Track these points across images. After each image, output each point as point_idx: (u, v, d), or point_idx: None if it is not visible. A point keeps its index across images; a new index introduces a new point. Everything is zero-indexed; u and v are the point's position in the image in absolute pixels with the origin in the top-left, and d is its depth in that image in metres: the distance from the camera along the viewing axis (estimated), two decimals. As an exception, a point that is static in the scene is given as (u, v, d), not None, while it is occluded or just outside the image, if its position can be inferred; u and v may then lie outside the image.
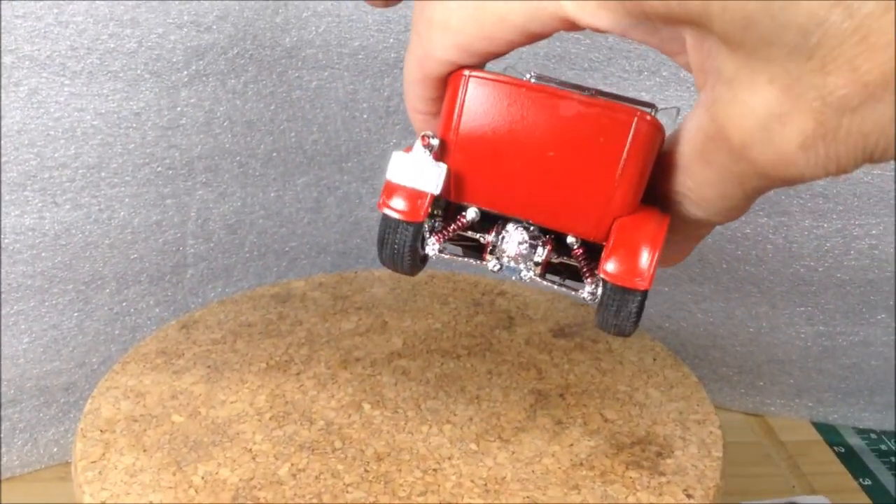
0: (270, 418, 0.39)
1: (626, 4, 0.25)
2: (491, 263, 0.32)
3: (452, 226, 0.31)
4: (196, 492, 0.34)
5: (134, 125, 0.56)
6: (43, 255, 0.57)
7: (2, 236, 0.55)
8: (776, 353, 0.68)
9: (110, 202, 0.57)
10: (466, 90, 0.29)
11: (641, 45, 0.59)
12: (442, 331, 0.48)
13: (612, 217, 0.29)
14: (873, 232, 0.63)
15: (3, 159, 0.54)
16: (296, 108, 0.61)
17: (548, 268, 0.32)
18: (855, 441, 0.69)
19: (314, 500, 0.35)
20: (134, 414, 0.39)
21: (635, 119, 0.28)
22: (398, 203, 0.30)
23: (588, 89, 0.30)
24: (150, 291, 0.61)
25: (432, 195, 0.30)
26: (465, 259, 0.33)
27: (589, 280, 0.31)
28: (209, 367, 0.43)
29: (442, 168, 0.29)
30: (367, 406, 0.41)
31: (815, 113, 0.23)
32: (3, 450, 0.60)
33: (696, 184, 0.27)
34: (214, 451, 0.37)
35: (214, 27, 0.56)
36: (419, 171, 0.29)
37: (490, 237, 0.31)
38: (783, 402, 0.70)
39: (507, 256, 0.31)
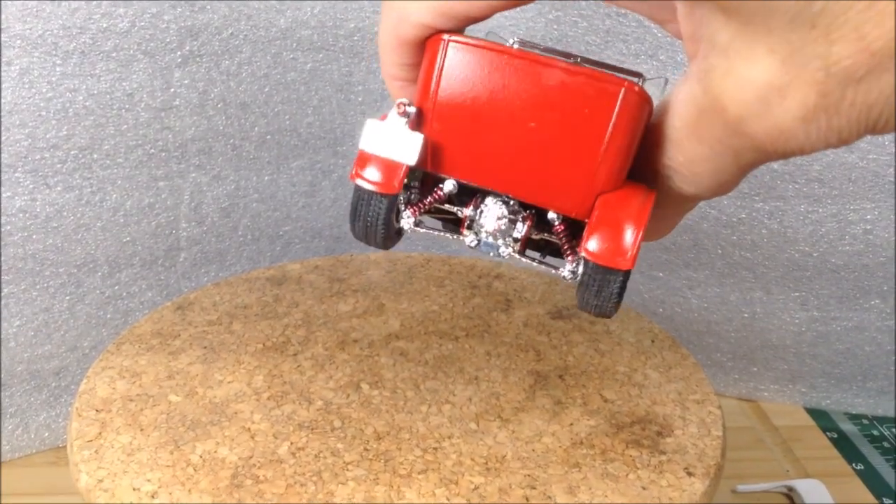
0: (268, 398, 0.39)
1: None
2: (468, 238, 0.30)
3: (429, 198, 0.30)
4: (195, 470, 0.34)
5: (126, 106, 0.56)
6: (34, 237, 0.56)
7: (-8, 218, 0.54)
8: (770, 339, 0.69)
9: (102, 184, 0.57)
10: (445, 56, 0.27)
11: (639, 28, 0.58)
12: (439, 313, 0.48)
13: (596, 193, 0.28)
14: (868, 217, 0.63)
15: (-6, 140, 0.53)
16: (290, 90, 0.60)
17: (527, 244, 0.31)
18: (847, 427, 0.70)
19: (314, 479, 0.34)
20: (130, 394, 0.38)
21: (622, 90, 0.27)
22: (372, 174, 0.28)
23: (574, 56, 0.29)
24: (143, 275, 0.61)
25: (408, 166, 0.28)
26: (442, 233, 0.31)
27: (570, 258, 0.30)
28: (205, 347, 0.42)
29: (418, 138, 0.28)
30: (365, 386, 0.40)
31: (817, 84, 0.22)
32: (-6, 435, 0.60)
33: (686, 159, 0.26)
34: (212, 430, 0.36)
35: (208, 7, 0.56)
36: (394, 141, 0.28)
37: (468, 211, 0.30)
38: (777, 387, 0.71)
39: (486, 232, 0.30)
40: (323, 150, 0.63)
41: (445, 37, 0.28)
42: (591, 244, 0.28)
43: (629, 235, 0.28)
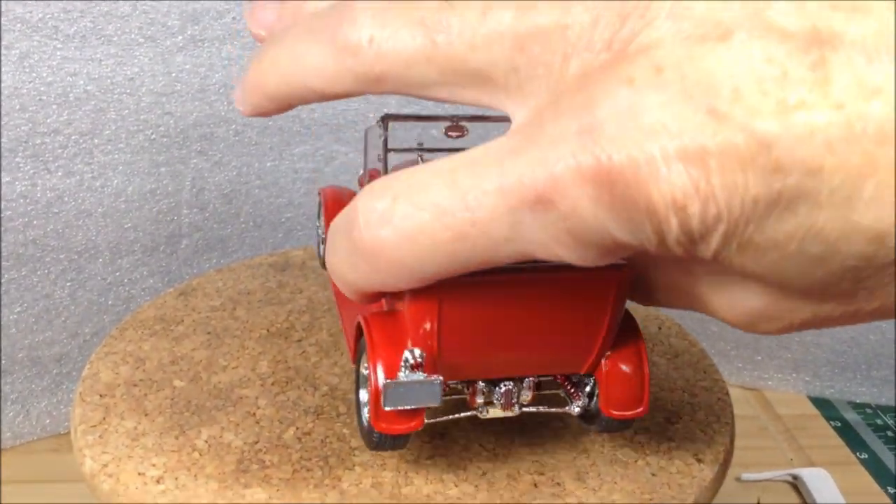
0: (273, 383, 0.39)
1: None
2: (481, 414, 0.32)
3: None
4: (200, 455, 0.34)
5: (128, 91, 0.55)
6: (35, 223, 0.56)
7: (-7, 203, 0.54)
8: (774, 327, 0.68)
9: (104, 170, 0.56)
10: (441, 311, 0.28)
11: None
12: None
13: (599, 355, 0.31)
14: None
15: (-6, 124, 0.53)
16: (293, 75, 0.60)
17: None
18: (851, 416, 0.69)
19: (321, 464, 0.34)
20: (134, 379, 0.38)
21: (617, 279, 0.29)
22: (399, 423, 0.30)
23: (447, 118, 0.31)
24: (144, 262, 0.60)
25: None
26: (453, 416, 0.32)
27: (576, 399, 0.33)
28: (209, 333, 0.42)
29: (438, 382, 0.29)
30: (370, 372, 0.40)
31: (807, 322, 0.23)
32: (-5, 422, 0.59)
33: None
34: (218, 415, 0.36)
35: (211, -9, 0.55)
36: (416, 393, 0.29)
37: (479, 399, 0.32)
38: (780, 376, 0.70)
39: (498, 406, 0.32)
40: (325, 137, 0.62)
41: (435, 296, 0.28)
42: (612, 406, 0.31)
43: (640, 387, 0.31)
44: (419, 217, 0.22)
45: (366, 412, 0.31)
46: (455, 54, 0.22)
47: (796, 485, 0.58)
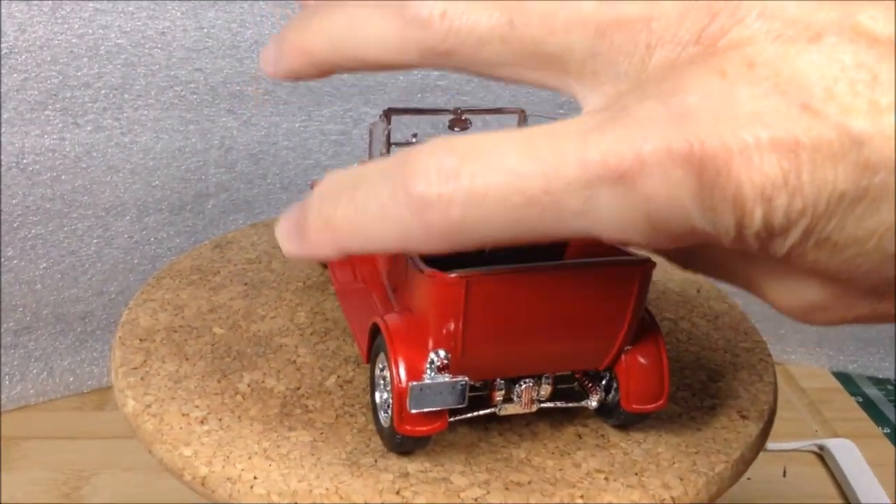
0: (312, 333, 0.38)
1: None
2: (499, 410, 0.32)
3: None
4: (243, 398, 0.34)
5: (159, 45, 0.55)
6: (63, 177, 0.55)
7: (22, 157, 0.54)
8: (799, 300, 0.68)
9: (132, 125, 0.56)
10: (467, 311, 0.28)
11: None
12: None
13: (619, 350, 0.31)
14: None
15: (24, 76, 0.52)
16: (323, 34, 0.59)
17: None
18: (872, 391, 0.69)
19: (363, 410, 0.34)
20: (173, 325, 0.38)
21: (641, 274, 0.29)
22: (423, 424, 0.29)
23: (450, 111, 0.32)
24: (171, 221, 0.60)
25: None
26: (471, 414, 0.32)
27: (594, 393, 0.33)
28: (246, 284, 0.41)
29: (463, 382, 0.29)
30: (408, 325, 0.40)
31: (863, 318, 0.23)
32: (18, 377, 0.59)
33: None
34: (259, 361, 0.36)
35: (244, -55, 0.55)
36: (443, 395, 0.29)
37: (498, 398, 0.32)
38: (804, 350, 0.70)
39: (519, 403, 0.32)
40: (354, 98, 0.62)
41: (455, 276, 0.28)
42: (633, 400, 0.31)
43: (660, 380, 0.31)
44: (492, 178, 0.22)
45: (384, 413, 0.31)
46: (532, 37, 0.21)
47: (822, 455, 0.58)
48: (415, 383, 0.28)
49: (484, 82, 0.60)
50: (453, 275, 0.28)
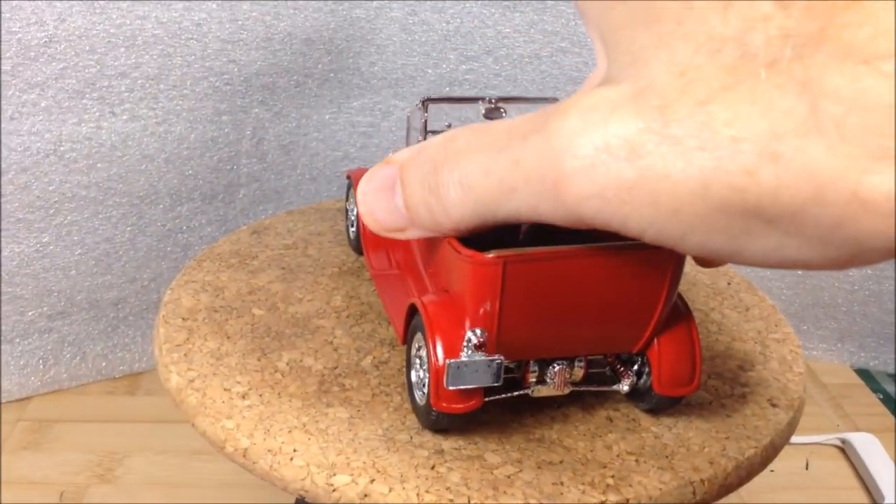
0: (348, 316, 0.39)
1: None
2: (532, 392, 0.32)
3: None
4: (282, 376, 0.34)
5: (195, 36, 0.56)
6: (99, 165, 0.57)
7: (59, 144, 0.55)
8: (822, 297, 0.68)
9: (168, 115, 0.57)
10: (504, 275, 0.28)
11: None
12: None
13: (653, 333, 0.31)
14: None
15: (63, 65, 0.53)
16: (355, 27, 0.60)
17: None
18: (893, 388, 0.69)
19: (399, 390, 0.35)
20: (214, 305, 0.39)
21: (676, 258, 0.29)
22: (459, 402, 0.30)
23: (485, 100, 0.33)
24: (203, 210, 0.61)
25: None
26: (504, 395, 0.33)
27: (626, 377, 0.33)
28: (283, 268, 0.42)
29: (500, 361, 0.29)
30: (441, 310, 0.40)
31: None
32: (52, 362, 0.60)
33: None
34: (297, 341, 0.37)
35: (279, -61, 0.56)
36: (477, 372, 0.29)
37: (532, 379, 0.32)
38: (826, 346, 0.70)
39: (552, 385, 0.32)
40: (383, 91, 0.63)
41: (493, 256, 0.28)
42: (665, 384, 0.32)
43: (692, 366, 0.32)
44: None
45: (419, 392, 0.32)
46: None
47: (844, 449, 0.59)
48: (452, 361, 0.29)
49: (511, 77, 0.61)
50: (490, 255, 0.29)
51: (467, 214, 0.25)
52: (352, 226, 0.43)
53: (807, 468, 0.58)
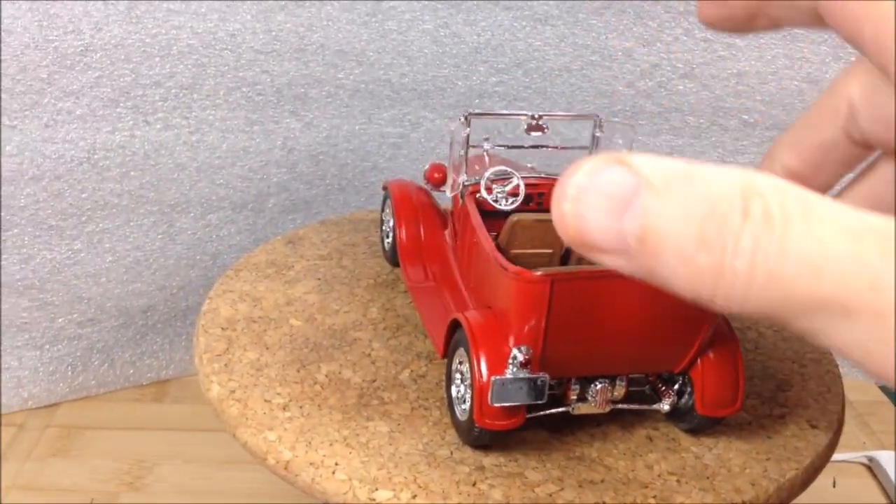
0: (384, 328, 0.39)
1: None
2: (573, 410, 0.32)
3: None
4: (322, 388, 0.34)
5: (229, 47, 0.56)
6: (132, 174, 0.57)
7: (93, 152, 0.55)
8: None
9: (200, 125, 0.57)
10: (551, 296, 0.28)
11: None
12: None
13: (697, 353, 0.31)
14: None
15: (98, 74, 0.54)
16: (387, 39, 0.61)
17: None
18: (921, 408, 0.69)
19: (438, 404, 0.35)
20: (252, 315, 0.39)
21: None
22: (502, 419, 0.30)
23: (527, 115, 0.34)
24: (232, 219, 0.61)
25: None
26: (545, 412, 0.32)
27: (667, 396, 0.33)
28: (319, 279, 0.43)
29: (544, 378, 0.29)
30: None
31: None
32: (81, 368, 0.61)
33: None
34: (335, 353, 0.37)
35: (314, -49, 0.56)
36: (522, 390, 0.30)
37: (573, 397, 0.32)
38: (850, 362, 0.70)
39: (594, 402, 0.32)
40: (413, 102, 0.63)
41: (541, 273, 0.28)
42: (708, 405, 0.32)
43: (736, 385, 0.32)
44: None
45: (460, 407, 0.32)
46: None
47: (871, 467, 0.58)
48: (497, 378, 0.29)
49: (540, 90, 0.61)
50: (538, 273, 0.29)
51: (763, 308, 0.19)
52: (387, 237, 0.43)
53: (834, 486, 0.57)
